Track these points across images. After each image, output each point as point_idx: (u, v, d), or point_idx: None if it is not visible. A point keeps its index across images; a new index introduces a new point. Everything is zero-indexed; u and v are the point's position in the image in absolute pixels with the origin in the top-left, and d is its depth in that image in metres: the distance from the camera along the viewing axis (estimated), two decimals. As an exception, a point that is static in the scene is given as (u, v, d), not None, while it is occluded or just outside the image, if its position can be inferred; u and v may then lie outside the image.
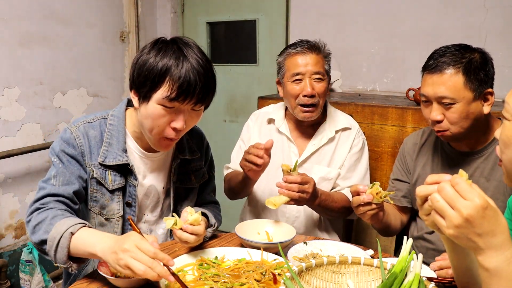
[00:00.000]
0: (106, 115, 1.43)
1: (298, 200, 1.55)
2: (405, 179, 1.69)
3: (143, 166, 1.45)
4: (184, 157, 1.51)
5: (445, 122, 1.43)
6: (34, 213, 1.26)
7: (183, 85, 1.22)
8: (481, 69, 1.40)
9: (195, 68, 1.23)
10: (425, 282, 0.95)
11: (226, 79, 3.50)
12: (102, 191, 1.38)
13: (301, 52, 1.77)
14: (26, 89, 2.70)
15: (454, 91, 1.38)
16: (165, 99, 1.23)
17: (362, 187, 1.37)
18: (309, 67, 1.75)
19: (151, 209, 1.51)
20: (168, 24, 3.63)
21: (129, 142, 1.43)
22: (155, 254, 1.04)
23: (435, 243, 1.59)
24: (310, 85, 1.74)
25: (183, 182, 1.54)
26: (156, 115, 1.26)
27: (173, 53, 1.25)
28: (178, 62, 1.23)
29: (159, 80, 1.23)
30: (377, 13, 2.84)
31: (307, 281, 1.04)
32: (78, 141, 1.35)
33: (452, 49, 1.42)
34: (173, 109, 1.26)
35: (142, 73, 1.26)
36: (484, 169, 1.49)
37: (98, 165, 1.36)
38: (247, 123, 2.02)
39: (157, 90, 1.24)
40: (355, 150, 1.87)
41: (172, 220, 1.31)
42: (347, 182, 1.85)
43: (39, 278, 2.58)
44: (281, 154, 1.88)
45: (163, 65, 1.23)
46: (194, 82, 1.22)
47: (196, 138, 1.61)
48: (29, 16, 2.67)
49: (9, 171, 2.66)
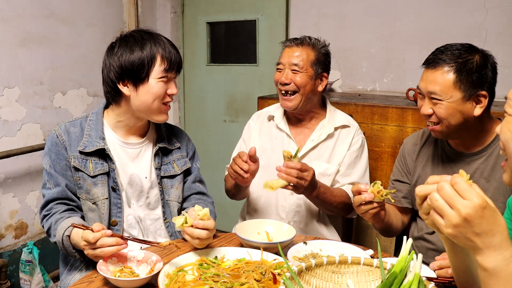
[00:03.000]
0: (87, 115, 1.61)
1: (296, 186, 1.58)
2: (405, 180, 1.70)
3: (123, 154, 1.59)
4: (163, 146, 1.64)
5: (434, 116, 1.46)
6: (43, 220, 1.51)
7: (171, 58, 1.51)
8: (476, 72, 1.40)
9: (171, 45, 1.54)
10: (425, 282, 0.95)
11: (226, 79, 3.50)
12: (84, 177, 1.52)
13: (289, 45, 1.88)
14: (26, 89, 2.70)
15: (442, 88, 1.41)
16: (163, 71, 1.50)
17: (363, 186, 1.38)
18: (289, 58, 1.84)
19: (136, 198, 1.60)
20: (168, 24, 3.63)
21: (107, 132, 1.59)
22: (94, 239, 1.24)
23: (436, 244, 1.59)
24: (286, 74, 1.83)
25: (166, 171, 1.65)
26: (158, 88, 1.51)
27: (149, 39, 1.51)
28: (158, 43, 1.51)
29: (152, 61, 1.49)
30: (377, 13, 2.84)
31: (307, 281, 1.04)
32: (61, 138, 1.54)
33: (454, 48, 1.44)
34: (167, 79, 1.52)
35: (134, 65, 1.48)
36: (484, 170, 1.49)
37: (77, 155, 1.52)
38: (248, 123, 2.06)
39: (153, 68, 1.49)
40: (355, 148, 1.89)
41: (181, 218, 1.34)
42: (347, 179, 1.87)
43: (39, 278, 2.59)
44: (280, 150, 1.88)
45: (150, 49, 1.49)
46: (176, 55, 1.54)
47: (177, 133, 1.75)
48: (29, 16, 2.67)
49: (9, 171, 2.66)
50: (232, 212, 2.51)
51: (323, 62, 1.86)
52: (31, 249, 2.59)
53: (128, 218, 1.58)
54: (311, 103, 1.88)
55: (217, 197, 1.75)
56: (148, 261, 1.30)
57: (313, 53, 1.84)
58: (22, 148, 2.63)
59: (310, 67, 1.83)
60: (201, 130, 3.61)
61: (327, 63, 1.89)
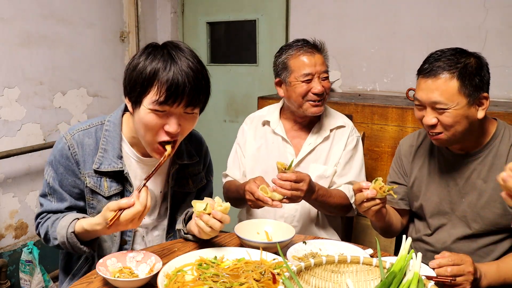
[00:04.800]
0: (102, 121, 1.44)
1: (292, 198, 1.56)
2: (402, 181, 1.69)
3: (139, 170, 1.46)
4: (182, 162, 1.51)
5: (439, 126, 1.41)
6: (38, 226, 1.42)
7: (171, 88, 1.21)
8: (477, 74, 1.38)
9: (183, 70, 1.22)
10: (424, 281, 0.95)
11: (226, 79, 3.50)
12: (98, 198, 1.41)
13: (307, 52, 1.80)
14: (26, 89, 2.70)
15: (448, 96, 1.36)
16: (155, 103, 1.22)
17: (365, 184, 1.38)
18: (318, 67, 1.80)
19: (149, 213, 1.51)
20: (168, 24, 3.63)
21: (125, 147, 1.43)
22: (118, 205, 1.17)
23: (434, 245, 1.59)
24: (320, 84, 1.79)
25: (181, 186, 1.55)
26: (148, 121, 1.25)
27: (161, 57, 1.24)
28: (166, 65, 1.22)
29: (148, 84, 1.23)
30: (377, 13, 2.84)
31: (306, 281, 1.04)
32: (73, 151, 1.38)
33: (448, 54, 1.40)
34: (165, 113, 1.25)
35: (132, 78, 1.26)
36: (481, 171, 1.48)
37: (92, 174, 1.38)
38: (242, 127, 2.02)
39: (147, 94, 1.24)
40: (350, 147, 1.89)
41: (203, 204, 1.31)
42: (343, 179, 1.87)
43: (39, 278, 2.59)
44: (277, 155, 1.89)
45: (151, 68, 1.22)
46: (183, 84, 1.21)
47: (195, 142, 1.61)
48: (29, 16, 2.67)
49: (9, 171, 2.66)
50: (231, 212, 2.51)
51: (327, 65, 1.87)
52: (31, 249, 2.59)
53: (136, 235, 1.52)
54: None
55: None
56: (147, 262, 1.29)
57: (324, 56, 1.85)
58: (22, 148, 2.63)
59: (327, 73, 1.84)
60: (201, 130, 3.55)
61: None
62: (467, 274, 1.24)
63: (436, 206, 1.57)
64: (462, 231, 1.51)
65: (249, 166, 1.94)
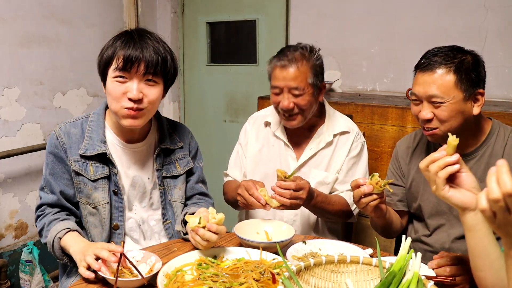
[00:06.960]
0: (88, 115, 1.56)
1: (291, 206, 1.54)
2: (399, 183, 1.68)
3: (125, 156, 1.55)
4: (165, 146, 1.59)
5: (434, 120, 1.42)
6: (37, 220, 1.52)
7: (129, 55, 1.37)
8: (473, 70, 1.39)
9: (142, 42, 1.40)
10: (424, 281, 0.95)
11: (226, 79, 3.50)
12: (84, 181, 1.49)
13: (282, 65, 1.71)
14: (26, 89, 2.71)
15: (444, 90, 1.38)
16: (115, 70, 1.39)
17: (362, 180, 1.39)
18: (287, 81, 1.69)
19: (139, 200, 1.58)
20: (168, 24, 3.63)
21: (109, 134, 1.53)
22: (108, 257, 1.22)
23: (433, 245, 1.59)
24: (288, 99, 1.71)
25: (169, 171, 1.61)
26: (111, 89, 1.40)
27: (123, 36, 1.43)
28: (128, 40, 1.40)
29: (111, 56, 1.40)
30: (377, 13, 2.84)
31: (306, 281, 1.04)
32: (60, 140, 1.49)
33: (445, 49, 1.42)
34: (125, 79, 1.39)
35: (100, 58, 1.44)
36: (477, 171, 1.48)
37: (78, 159, 1.48)
38: (244, 127, 2.00)
39: (110, 66, 1.41)
40: (353, 154, 1.84)
41: (196, 218, 1.32)
42: (345, 186, 1.83)
43: (39, 278, 2.59)
44: (278, 158, 1.87)
45: (114, 44, 1.41)
46: (140, 52, 1.38)
47: (179, 130, 1.69)
48: (29, 16, 2.68)
49: (9, 171, 2.66)
50: (231, 212, 2.52)
51: (319, 72, 1.75)
52: (31, 249, 2.59)
53: (129, 222, 1.56)
54: (312, 113, 1.80)
55: (217, 197, 1.74)
56: (147, 261, 1.29)
57: (309, 69, 1.71)
58: (22, 148, 2.64)
59: (310, 86, 1.71)
60: (201, 130, 3.60)
61: (323, 71, 1.78)
62: (466, 274, 1.24)
63: (434, 206, 1.57)
64: (461, 231, 1.51)
65: (250, 168, 1.92)
